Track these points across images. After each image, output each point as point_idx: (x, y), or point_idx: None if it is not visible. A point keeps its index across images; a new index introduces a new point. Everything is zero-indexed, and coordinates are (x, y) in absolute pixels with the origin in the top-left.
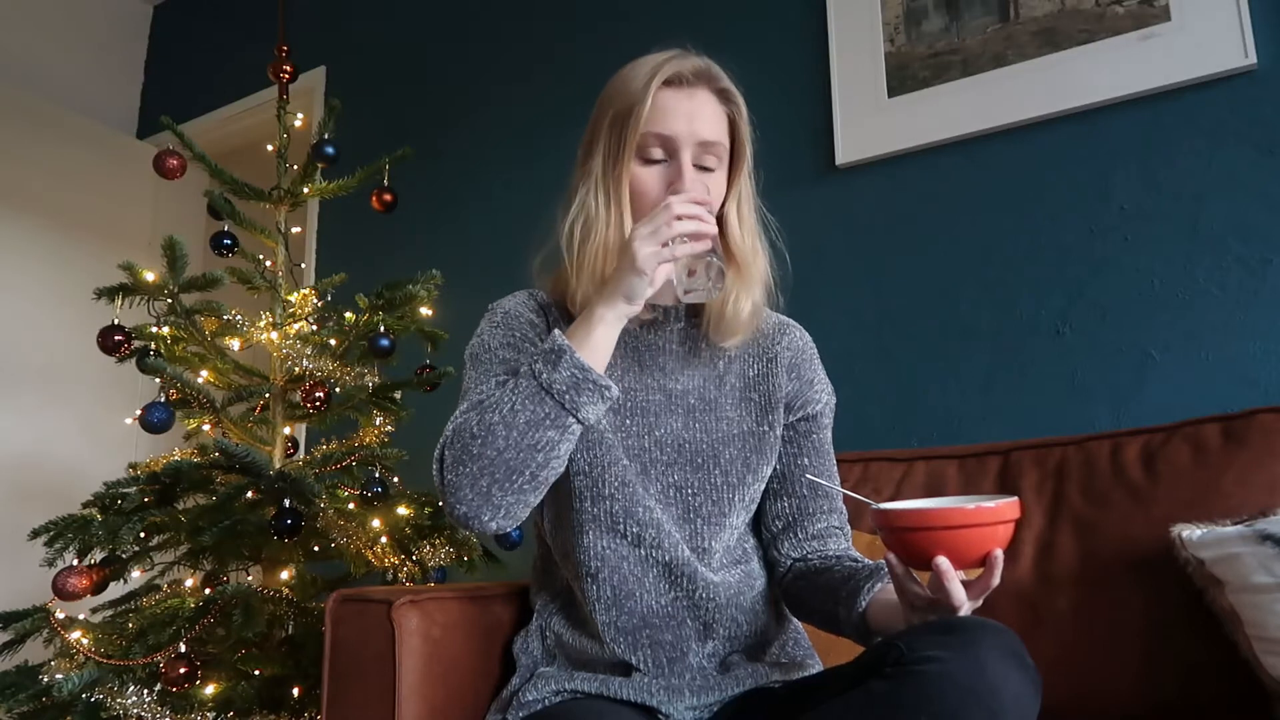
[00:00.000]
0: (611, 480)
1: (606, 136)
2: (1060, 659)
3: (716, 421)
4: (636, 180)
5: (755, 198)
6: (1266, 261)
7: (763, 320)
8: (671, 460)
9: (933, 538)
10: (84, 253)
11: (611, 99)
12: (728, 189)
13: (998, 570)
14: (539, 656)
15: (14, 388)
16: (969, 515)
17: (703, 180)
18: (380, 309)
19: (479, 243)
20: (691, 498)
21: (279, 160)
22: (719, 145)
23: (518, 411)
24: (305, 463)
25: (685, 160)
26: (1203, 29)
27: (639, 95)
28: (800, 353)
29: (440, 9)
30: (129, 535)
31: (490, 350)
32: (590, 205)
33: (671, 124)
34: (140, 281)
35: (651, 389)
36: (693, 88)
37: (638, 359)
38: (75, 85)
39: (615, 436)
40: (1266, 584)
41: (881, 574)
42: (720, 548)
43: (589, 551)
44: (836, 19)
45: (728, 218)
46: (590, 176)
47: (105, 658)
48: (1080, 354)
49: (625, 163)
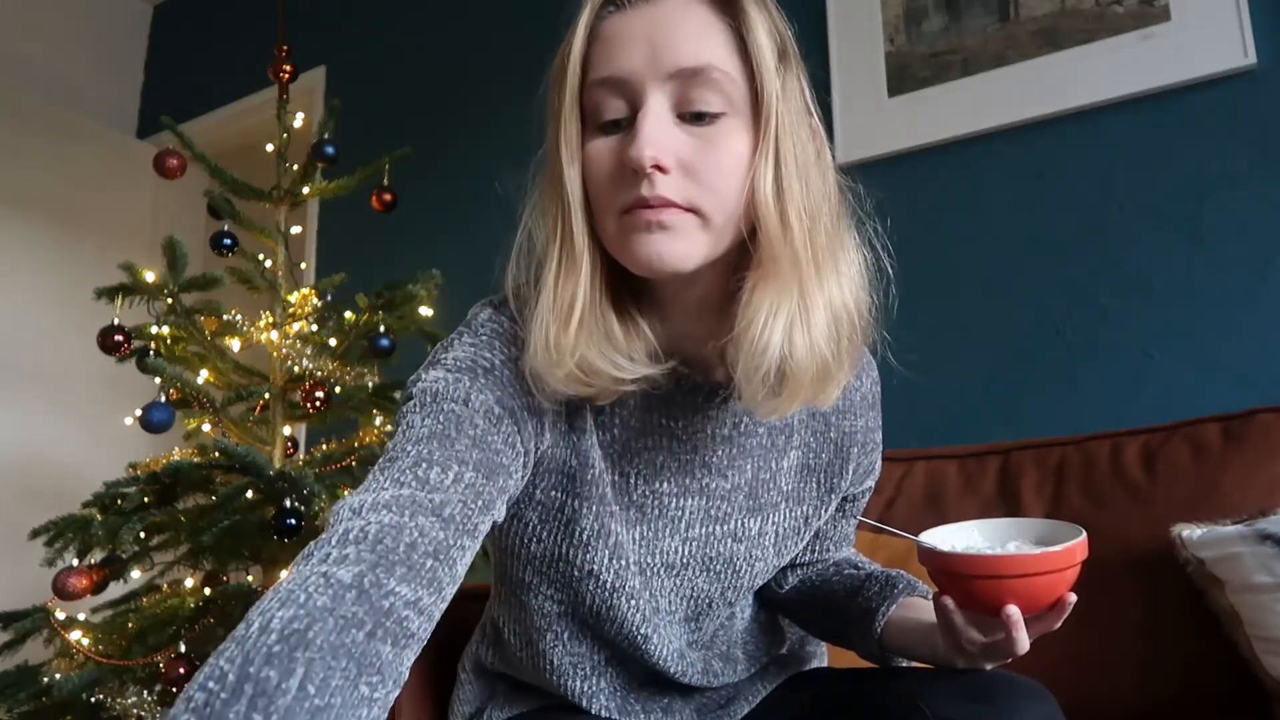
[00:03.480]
0: (614, 621)
1: (548, 107)
2: (1060, 659)
3: (762, 522)
4: (589, 160)
5: (821, 162)
6: (1266, 261)
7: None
8: (699, 570)
9: (1002, 586)
10: (84, 253)
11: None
12: (755, 146)
13: (1065, 615)
14: (480, 689)
15: (14, 388)
16: (1044, 562)
17: (691, 132)
18: (380, 309)
19: (479, 243)
20: (707, 605)
21: (279, 160)
22: (713, 72)
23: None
24: (305, 463)
25: (650, 105)
26: (1203, 29)
27: (573, 30)
28: (870, 411)
29: (440, 9)
30: (129, 535)
31: (405, 440)
32: (533, 216)
33: (624, 56)
34: (140, 281)
35: (690, 492)
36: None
37: (675, 455)
38: (75, 85)
39: (634, 551)
40: (1266, 584)
41: (895, 591)
42: (725, 638)
43: (560, 650)
44: (836, 19)
45: (758, 191)
46: (536, 176)
47: (105, 658)
48: (1080, 354)
49: (566, 137)
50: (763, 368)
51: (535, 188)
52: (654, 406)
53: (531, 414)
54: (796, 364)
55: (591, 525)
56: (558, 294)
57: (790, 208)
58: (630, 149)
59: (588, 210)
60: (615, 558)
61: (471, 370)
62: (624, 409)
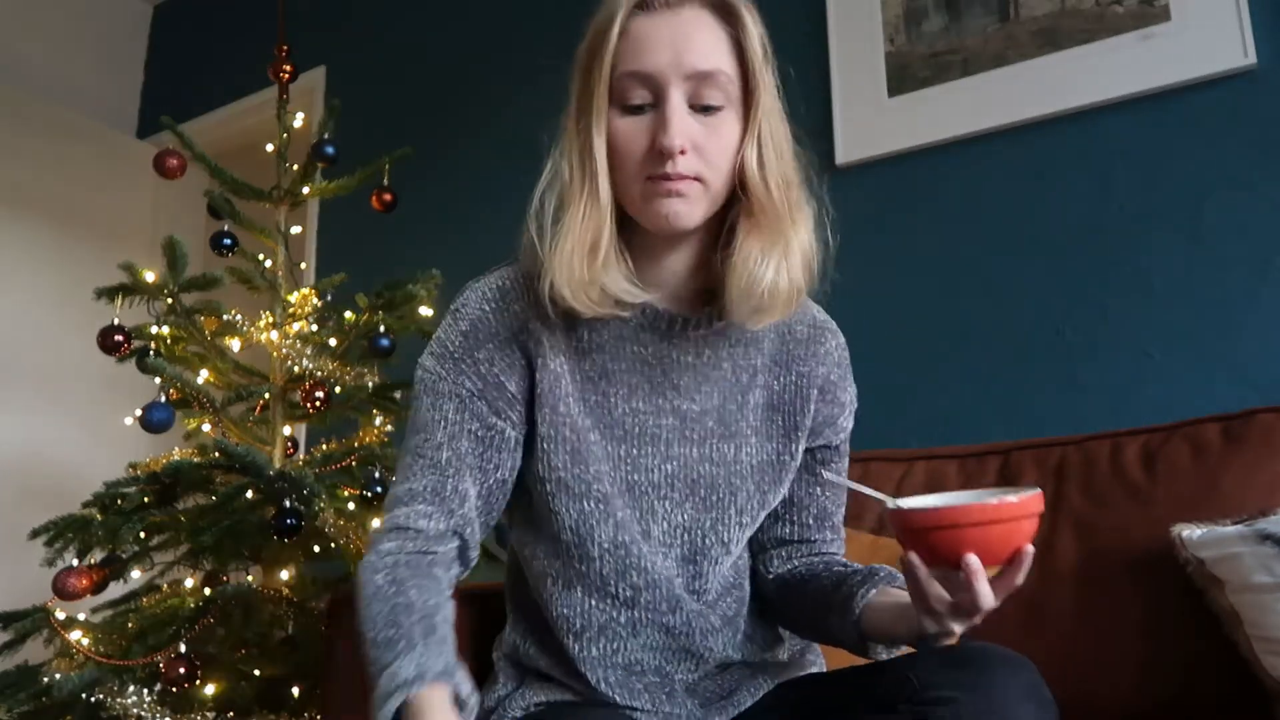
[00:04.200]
0: (602, 540)
1: (579, 85)
2: (1060, 659)
3: (736, 449)
4: (616, 134)
5: (789, 138)
6: (1266, 261)
7: (802, 309)
8: (682, 498)
9: (960, 536)
10: (84, 253)
11: (584, 39)
12: (744, 130)
13: (1025, 567)
14: (515, 677)
15: (14, 388)
16: (998, 511)
17: (704, 122)
18: (380, 309)
19: (479, 243)
20: (699, 539)
21: (279, 160)
22: (720, 75)
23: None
24: (305, 463)
25: (672, 101)
26: (1203, 29)
27: (606, 24)
28: (834, 368)
29: (440, 9)
30: (129, 535)
31: (438, 393)
32: (564, 170)
33: (651, 56)
34: (140, 281)
35: (664, 411)
36: (676, 6)
37: (648, 376)
38: (75, 85)
39: (617, 472)
40: (1266, 584)
41: (876, 579)
42: (717, 582)
43: (574, 609)
44: (836, 19)
45: (747, 165)
46: (564, 136)
47: (105, 658)
48: (1080, 354)
49: (597, 113)
50: (754, 294)
51: (559, 149)
52: (626, 336)
53: (507, 367)
54: (779, 290)
55: (547, 432)
56: (581, 234)
57: (771, 177)
58: (662, 135)
59: (610, 172)
60: (577, 464)
61: (458, 351)
62: (599, 336)
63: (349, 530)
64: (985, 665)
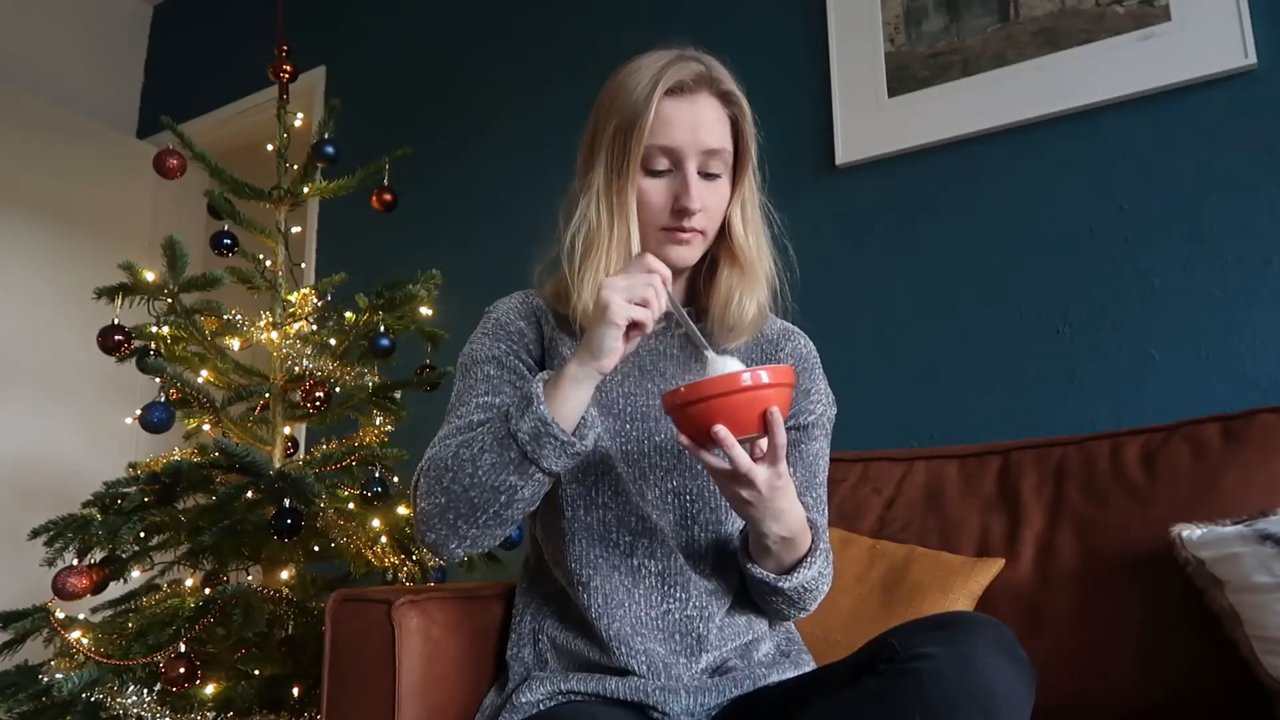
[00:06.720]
0: (604, 489)
1: (609, 148)
2: (1060, 659)
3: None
4: (642, 193)
5: (761, 198)
6: (1266, 261)
7: (768, 324)
8: (671, 466)
9: (710, 407)
10: (84, 253)
11: (612, 108)
12: (732, 191)
13: (779, 427)
14: (530, 663)
15: (14, 388)
16: (737, 380)
17: (708, 187)
18: (380, 309)
19: (479, 243)
20: (690, 504)
21: (279, 160)
22: (724, 151)
23: (485, 452)
24: (305, 463)
25: (690, 171)
26: (1203, 29)
27: (641, 107)
28: (801, 360)
29: (440, 9)
30: (129, 535)
31: (476, 364)
32: (592, 218)
33: (675, 135)
34: (140, 281)
35: (652, 394)
36: (695, 94)
37: (638, 364)
38: (75, 85)
39: (614, 443)
40: (1266, 584)
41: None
42: (715, 554)
43: (580, 560)
44: (836, 19)
45: (732, 220)
46: (592, 188)
47: (105, 658)
48: (1080, 354)
49: (630, 176)
50: (734, 323)
51: (588, 199)
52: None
53: (533, 342)
54: (751, 318)
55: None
56: (609, 263)
57: (749, 228)
58: (685, 198)
59: (635, 218)
60: (592, 453)
61: (491, 336)
62: None
63: (349, 530)
64: (961, 625)
